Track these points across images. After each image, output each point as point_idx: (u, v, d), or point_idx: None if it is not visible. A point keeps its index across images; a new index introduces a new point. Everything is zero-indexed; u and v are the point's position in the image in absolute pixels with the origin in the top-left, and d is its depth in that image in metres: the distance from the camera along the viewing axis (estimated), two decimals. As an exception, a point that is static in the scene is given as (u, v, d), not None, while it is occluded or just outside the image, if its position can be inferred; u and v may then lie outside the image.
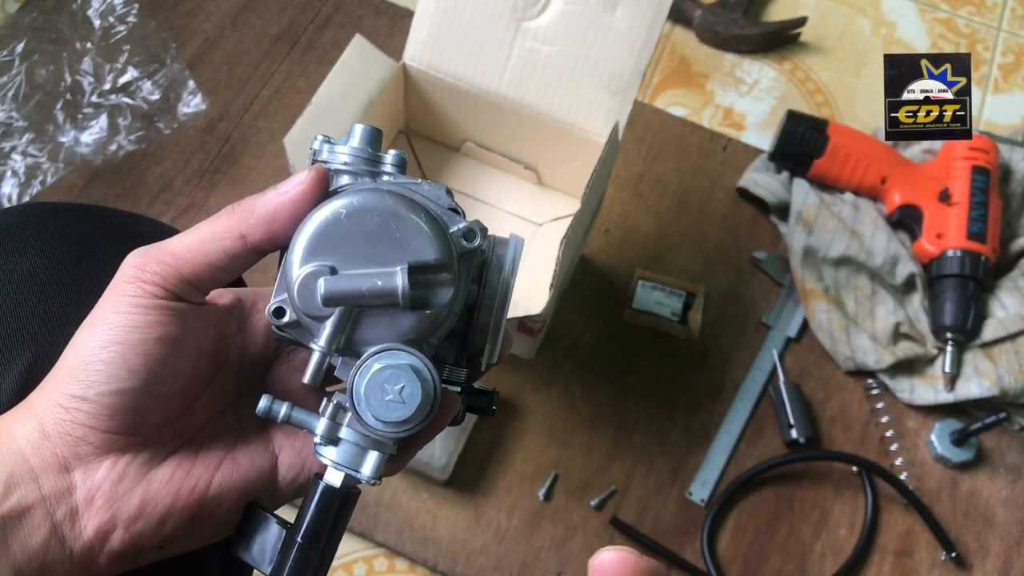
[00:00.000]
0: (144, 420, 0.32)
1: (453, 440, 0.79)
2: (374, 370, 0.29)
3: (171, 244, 0.32)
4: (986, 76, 1.13)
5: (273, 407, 0.32)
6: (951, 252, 0.88)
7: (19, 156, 0.94)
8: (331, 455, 0.31)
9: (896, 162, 0.94)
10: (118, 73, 0.99)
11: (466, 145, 0.86)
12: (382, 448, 0.31)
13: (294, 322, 0.32)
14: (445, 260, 0.31)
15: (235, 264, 0.33)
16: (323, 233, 0.31)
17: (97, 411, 0.30)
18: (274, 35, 1.07)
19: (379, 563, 0.80)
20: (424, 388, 0.30)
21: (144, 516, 0.31)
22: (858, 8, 1.17)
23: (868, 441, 0.86)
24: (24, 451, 0.31)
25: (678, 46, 1.12)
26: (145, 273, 0.32)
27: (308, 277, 0.30)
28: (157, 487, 0.32)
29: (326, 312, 0.30)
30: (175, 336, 0.32)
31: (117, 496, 0.31)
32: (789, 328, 0.91)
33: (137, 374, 0.31)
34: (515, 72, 0.75)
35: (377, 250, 0.31)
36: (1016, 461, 0.86)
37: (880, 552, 0.82)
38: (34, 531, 0.30)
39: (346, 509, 0.32)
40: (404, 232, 0.31)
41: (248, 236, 0.32)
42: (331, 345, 0.30)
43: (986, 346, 0.88)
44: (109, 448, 0.31)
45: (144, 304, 0.31)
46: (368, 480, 0.31)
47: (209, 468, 0.33)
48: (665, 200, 0.99)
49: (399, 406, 0.29)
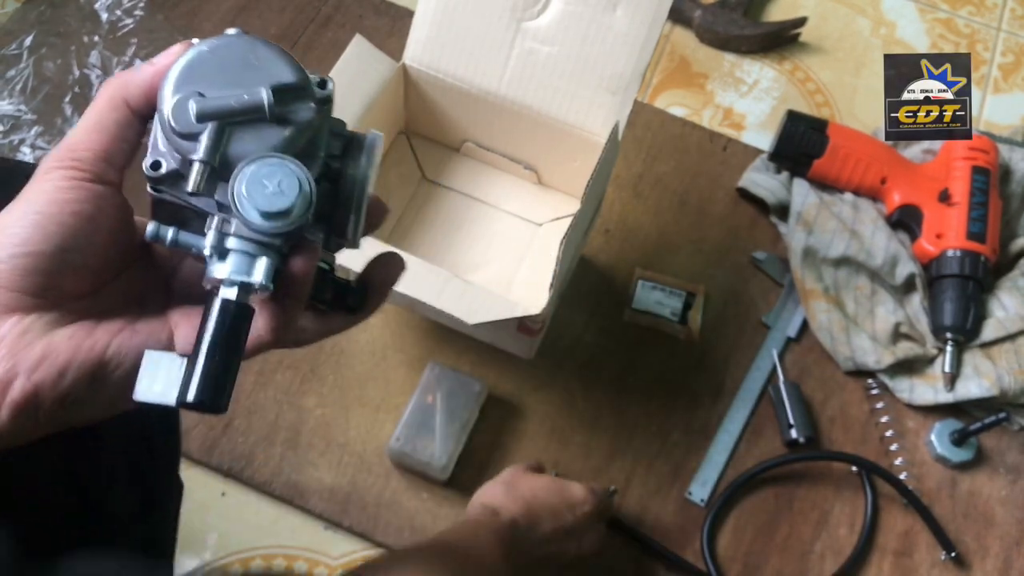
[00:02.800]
0: (53, 286, 0.34)
1: (453, 440, 0.79)
2: (251, 169, 0.32)
3: (73, 137, 0.35)
4: (986, 76, 1.13)
5: (160, 231, 0.34)
6: (951, 252, 0.88)
7: (28, 149, 0.94)
8: (222, 271, 0.33)
9: (896, 162, 0.94)
10: (125, 66, 1.00)
11: (466, 145, 0.86)
12: (270, 251, 0.34)
13: (170, 174, 0.34)
14: (302, 82, 0.35)
15: (129, 132, 0.36)
16: (189, 67, 0.34)
17: (8, 271, 0.32)
18: (274, 35, 1.07)
19: (379, 563, 0.80)
20: (299, 179, 0.32)
21: (44, 366, 0.33)
22: (858, 8, 1.17)
23: (868, 441, 0.87)
24: None
25: (678, 46, 1.12)
26: (62, 162, 0.34)
27: (181, 100, 0.33)
28: (58, 341, 0.33)
29: (200, 128, 0.33)
30: (90, 213, 0.34)
31: (19, 347, 0.32)
32: (789, 328, 0.91)
33: (51, 239, 0.33)
34: (515, 72, 0.75)
35: (240, 77, 0.34)
36: (1016, 461, 0.86)
37: (880, 552, 0.82)
38: None
39: (243, 322, 0.34)
40: (263, 62, 0.34)
41: (131, 101, 0.35)
42: (210, 155, 0.32)
43: (986, 346, 0.88)
44: (16, 306, 0.33)
45: (63, 185, 0.34)
46: (260, 285, 0.33)
47: (108, 333, 0.35)
48: (665, 200, 0.99)
49: (279, 196, 0.32)
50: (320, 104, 0.35)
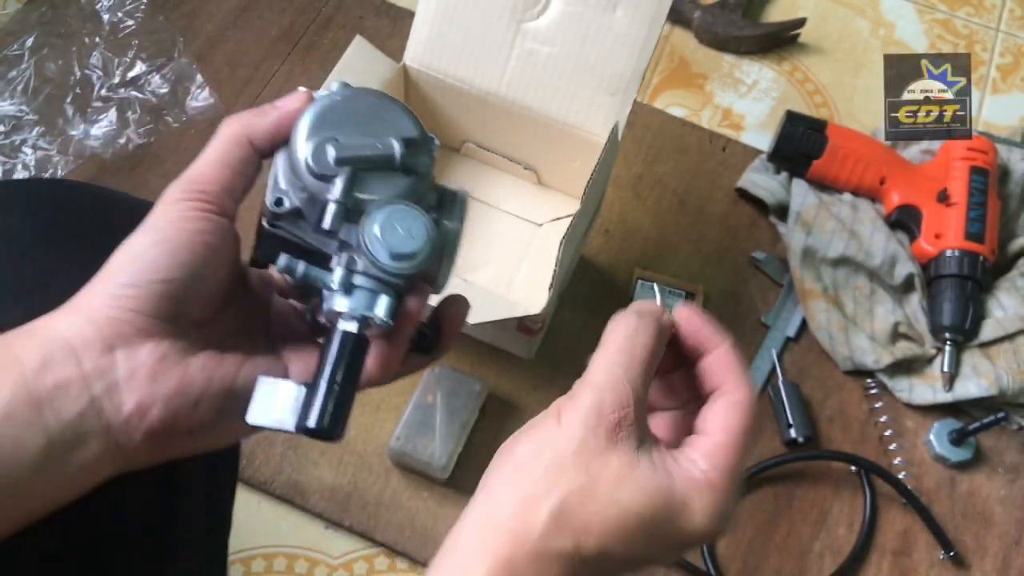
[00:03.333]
0: (184, 313, 0.35)
1: (453, 440, 0.79)
2: (384, 213, 0.35)
3: (197, 170, 0.36)
4: (984, 77, 1.13)
5: (291, 264, 0.36)
6: (949, 252, 0.88)
7: (29, 149, 0.95)
8: (344, 305, 0.35)
9: (895, 162, 0.94)
10: (127, 67, 1.00)
11: (466, 146, 0.86)
12: (390, 290, 0.35)
13: (291, 211, 0.36)
14: (424, 137, 0.38)
15: (250, 169, 0.37)
16: (324, 113, 0.37)
17: (146, 296, 0.33)
18: (275, 36, 1.07)
19: (379, 562, 0.80)
20: (426, 226, 0.35)
21: (182, 394, 0.34)
22: (857, 9, 1.17)
23: (867, 441, 0.87)
24: (65, 334, 0.33)
25: (677, 47, 1.12)
26: (188, 193, 0.36)
27: (320, 143, 0.35)
28: (193, 370, 0.34)
29: (336, 172, 0.35)
30: (216, 244, 0.35)
31: (159, 373, 0.33)
32: (788, 328, 0.91)
33: (184, 267, 0.34)
34: (515, 73, 0.76)
35: (369, 128, 0.37)
36: (1014, 460, 0.86)
37: (879, 551, 0.82)
38: (70, 402, 0.32)
39: (362, 354, 0.35)
40: (389, 114, 0.38)
41: (255, 140, 0.37)
42: (346, 196, 0.35)
43: (984, 346, 0.88)
44: (152, 332, 0.34)
45: (190, 216, 0.35)
46: (382, 320, 0.35)
47: (235, 364, 0.36)
48: (664, 200, 0.99)
49: (409, 240, 0.35)
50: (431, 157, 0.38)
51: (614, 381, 0.36)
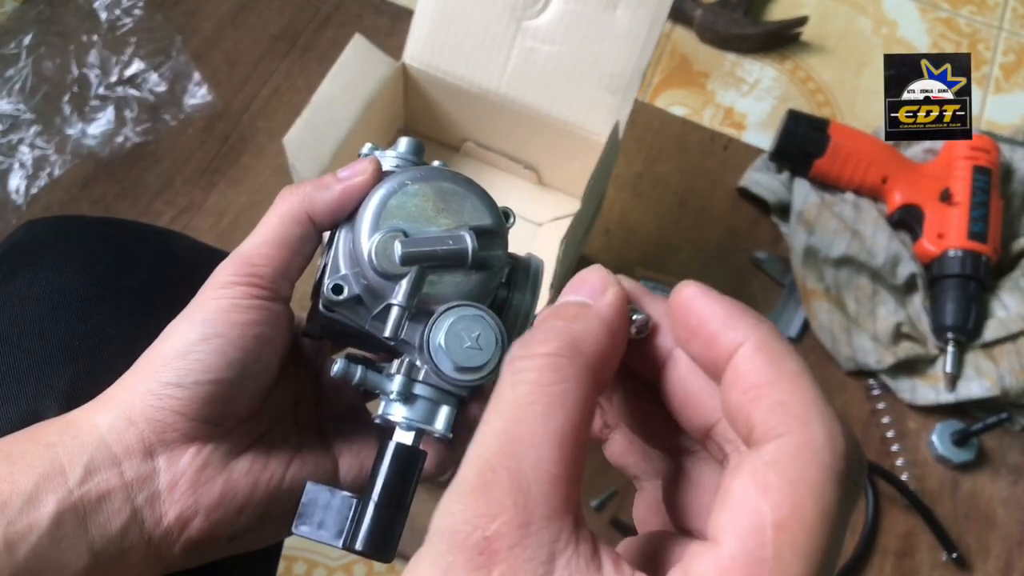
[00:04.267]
0: (230, 412, 0.33)
1: (453, 441, 0.78)
2: (451, 321, 0.31)
3: (252, 246, 0.34)
4: (987, 76, 1.12)
5: (349, 369, 0.33)
6: (952, 252, 0.88)
7: (27, 148, 0.94)
8: (401, 414, 0.32)
9: (897, 162, 0.94)
10: (124, 65, 1.00)
11: (466, 145, 0.85)
12: (453, 400, 0.33)
13: (350, 299, 0.33)
14: (500, 226, 0.34)
15: (308, 247, 0.34)
16: (391, 201, 0.33)
17: (191, 398, 0.31)
18: (273, 34, 1.07)
19: (378, 564, 0.80)
20: (496, 334, 0.31)
21: (224, 504, 0.32)
22: (859, 8, 1.17)
23: (869, 441, 0.86)
24: (106, 437, 0.31)
25: (679, 46, 1.12)
26: (241, 277, 0.33)
27: (385, 239, 0.32)
28: (237, 477, 0.33)
29: (401, 272, 0.31)
30: (270, 335, 0.33)
31: (200, 483, 0.32)
32: (790, 328, 0.91)
33: (233, 366, 0.32)
34: (515, 72, 0.75)
35: (439, 217, 0.33)
36: (1017, 461, 0.86)
37: (881, 553, 0.81)
38: (114, 516, 0.30)
39: (417, 469, 0.33)
40: (462, 201, 0.33)
41: (315, 218, 0.34)
42: (410, 301, 0.31)
43: (987, 346, 0.88)
44: (195, 436, 0.32)
45: (243, 304, 0.32)
46: (442, 434, 0.33)
47: (281, 464, 0.34)
48: (665, 200, 0.98)
49: (477, 352, 0.31)
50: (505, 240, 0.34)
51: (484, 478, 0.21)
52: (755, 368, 0.22)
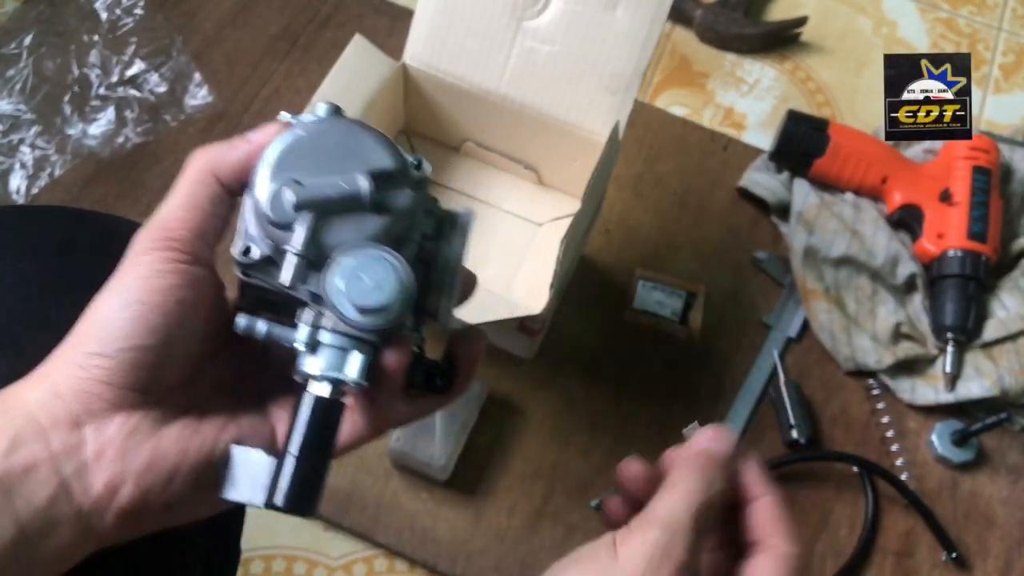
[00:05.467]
0: (157, 380, 0.32)
1: (453, 440, 0.79)
2: (348, 262, 0.31)
3: (165, 211, 0.34)
4: (987, 76, 1.12)
5: (252, 325, 0.33)
6: (952, 252, 0.88)
7: (27, 148, 0.94)
8: (314, 366, 0.32)
9: (897, 162, 0.94)
10: (125, 66, 1.00)
11: (466, 145, 0.85)
12: (364, 346, 0.32)
13: (262, 260, 0.33)
14: (401, 167, 0.33)
15: (220, 208, 0.34)
16: (286, 152, 0.32)
17: (115, 367, 0.31)
18: (273, 34, 1.07)
19: (379, 563, 0.80)
20: (398, 273, 0.31)
21: (154, 470, 0.32)
22: (859, 8, 1.17)
23: (869, 441, 0.86)
24: (33, 411, 0.31)
25: (678, 46, 1.12)
26: (157, 243, 0.33)
27: (278, 188, 0.32)
28: (167, 443, 0.32)
29: (295, 219, 0.31)
30: (192, 299, 0.33)
31: (128, 450, 0.31)
32: (790, 328, 0.91)
33: (156, 332, 0.32)
34: (515, 72, 0.75)
35: (337, 164, 0.32)
36: (1017, 461, 0.86)
37: (881, 553, 0.81)
38: (40, 487, 0.30)
39: (334, 421, 0.32)
40: (360, 146, 0.33)
41: (222, 177, 0.34)
42: (306, 247, 0.31)
43: (987, 346, 0.88)
44: (122, 404, 0.32)
45: (163, 269, 0.32)
46: (354, 382, 0.32)
47: (214, 430, 0.34)
48: (665, 200, 0.98)
49: (378, 292, 0.30)
50: (417, 187, 0.34)
51: (683, 524, 0.35)
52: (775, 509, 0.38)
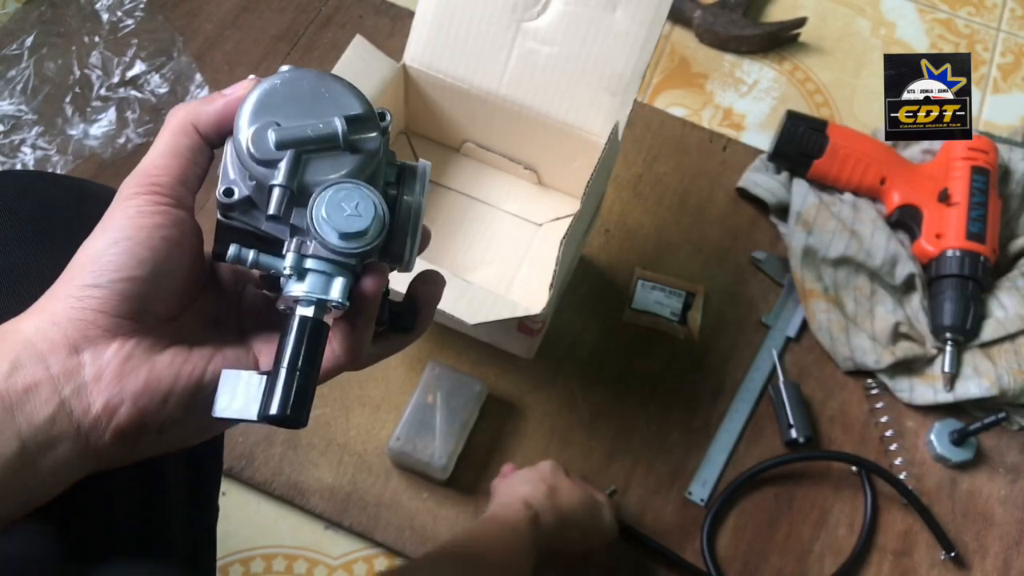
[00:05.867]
0: (148, 310, 0.35)
1: (453, 440, 0.79)
2: (330, 193, 0.34)
3: (149, 162, 0.36)
4: (985, 76, 1.13)
5: (241, 253, 0.35)
6: (950, 252, 0.88)
7: (29, 149, 0.95)
8: (299, 290, 0.35)
9: (895, 162, 0.94)
10: (126, 66, 1.00)
11: (466, 145, 0.86)
12: (345, 271, 0.35)
13: (242, 200, 0.36)
14: (369, 113, 0.37)
15: (200, 157, 0.37)
16: (264, 99, 0.36)
17: (108, 296, 0.33)
18: (274, 35, 1.07)
19: (379, 563, 0.80)
20: (374, 202, 0.34)
21: (149, 392, 0.34)
22: (857, 9, 1.17)
23: (867, 441, 0.87)
24: (31, 338, 0.33)
25: (678, 46, 1.12)
26: (142, 187, 0.35)
27: (260, 129, 0.35)
28: (161, 368, 0.34)
29: (278, 156, 0.34)
30: (176, 237, 0.35)
31: (125, 373, 0.33)
32: (788, 328, 0.91)
33: (144, 264, 0.34)
34: (515, 73, 0.75)
35: (312, 108, 0.36)
36: (1015, 461, 0.86)
37: (879, 552, 0.82)
38: (41, 406, 0.32)
39: (320, 338, 0.35)
40: (332, 93, 0.37)
41: (201, 128, 0.37)
42: (289, 180, 0.34)
43: (985, 346, 0.88)
44: (117, 331, 0.34)
45: (148, 210, 0.35)
46: (337, 302, 0.34)
47: (203, 358, 0.36)
48: (665, 200, 0.99)
49: (357, 218, 0.34)
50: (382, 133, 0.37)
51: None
52: None
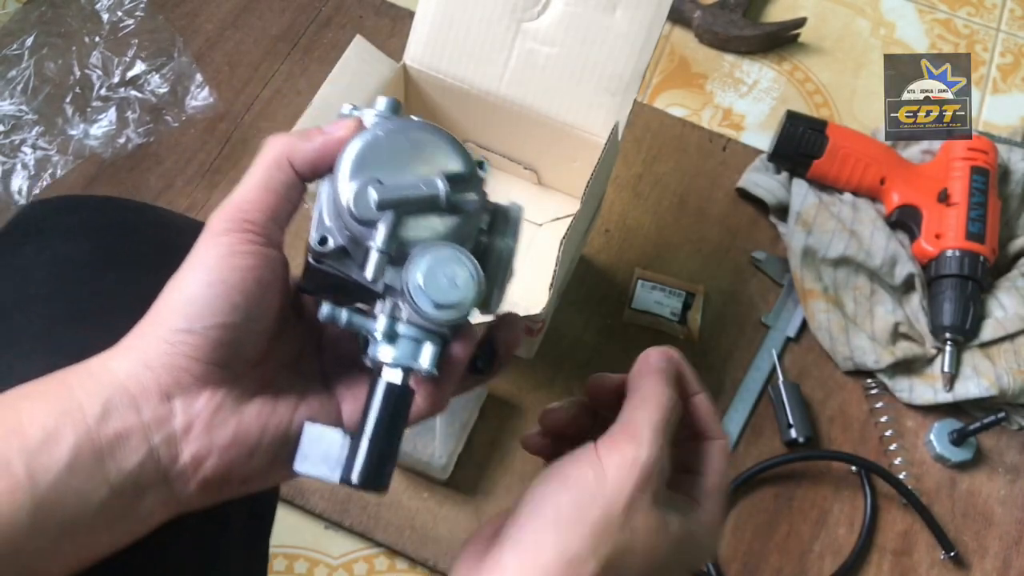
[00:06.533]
0: (239, 356, 0.34)
1: (453, 440, 0.79)
2: (428, 260, 0.33)
3: (242, 196, 0.35)
4: (985, 77, 1.13)
5: (335, 313, 0.35)
6: (950, 252, 0.88)
7: (29, 149, 0.95)
8: (388, 355, 0.34)
9: (895, 162, 0.94)
10: (126, 67, 1.00)
11: (466, 145, 0.86)
12: (435, 338, 0.35)
13: (336, 250, 0.35)
14: (472, 172, 0.36)
15: (294, 193, 0.36)
16: (366, 152, 0.35)
17: (201, 343, 0.33)
18: (274, 36, 1.07)
19: (379, 562, 0.80)
20: (472, 273, 0.34)
21: (237, 445, 0.34)
22: (857, 9, 1.17)
23: (867, 441, 0.87)
24: (124, 381, 0.32)
25: (677, 47, 1.12)
26: (234, 223, 0.34)
27: (361, 187, 0.34)
28: (249, 420, 0.34)
29: (378, 217, 0.34)
30: (268, 279, 0.35)
31: (214, 425, 0.33)
32: (788, 328, 0.91)
33: (238, 310, 0.33)
34: (515, 73, 0.75)
35: (414, 163, 0.35)
36: (1015, 460, 0.86)
37: (879, 551, 0.82)
38: (131, 453, 0.32)
39: (405, 407, 0.35)
40: (434, 150, 0.36)
41: (297, 166, 0.36)
42: (387, 243, 0.33)
43: (985, 346, 0.88)
44: (208, 380, 0.33)
45: (241, 250, 0.34)
46: (427, 371, 0.34)
47: (289, 409, 0.36)
48: (665, 200, 0.99)
49: (454, 290, 0.33)
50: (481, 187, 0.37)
51: (657, 439, 0.36)
52: (708, 404, 0.40)
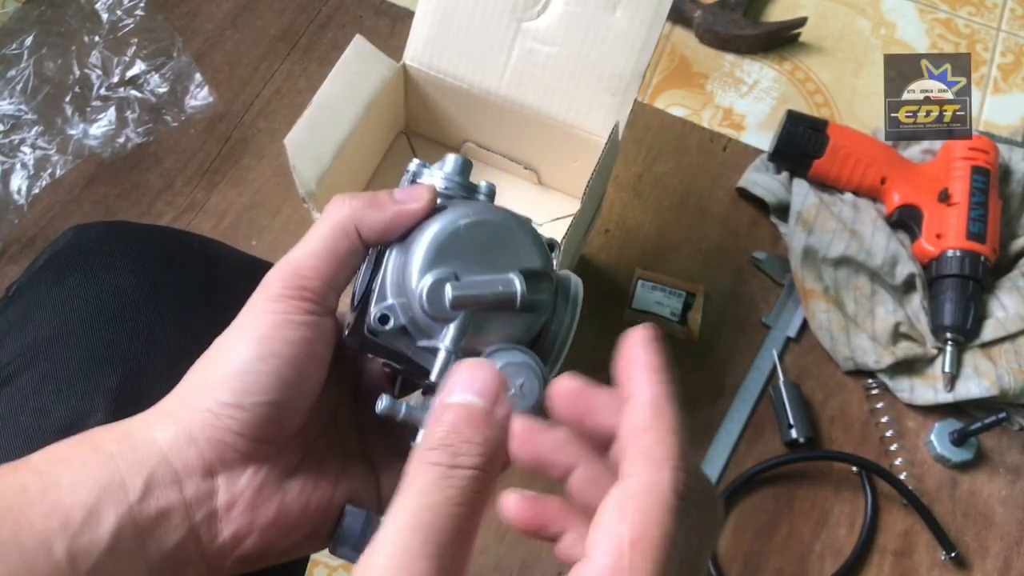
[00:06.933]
0: (284, 430, 0.33)
1: (453, 440, 0.79)
2: (498, 367, 0.32)
3: (301, 260, 0.33)
4: (985, 76, 1.13)
5: (394, 407, 0.33)
6: (951, 252, 0.88)
7: (28, 149, 0.94)
8: None
9: (896, 162, 0.94)
10: (126, 66, 1.00)
11: (466, 145, 0.86)
12: None
13: (396, 329, 0.34)
14: (548, 267, 0.34)
15: (355, 260, 0.34)
16: (444, 242, 0.33)
17: (248, 419, 0.32)
18: (274, 35, 1.07)
19: (379, 563, 0.80)
20: (539, 380, 0.32)
21: (278, 525, 0.33)
22: (858, 8, 1.17)
23: (868, 441, 0.87)
24: (167, 453, 0.31)
25: (678, 46, 1.12)
26: (291, 290, 0.33)
27: (437, 282, 0.32)
28: (291, 498, 0.33)
29: (450, 315, 0.32)
30: (322, 353, 0.33)
31: (257, 504, 0.32)
32: (789, 328, 0.91)
33: (290, 387, 0.32)
34: (515, 72, 0.75)
35: (490, 258, 0.33)
36: (1016, 461, 0.86)
37: (880, 552, 0.82)
38: (172, 532, 0.31)
39: None
40: (513, 242, 0.34)
41: (364, 233, 0.34)
42: (457, 345, 0.32)
43: (986, 346, 0.88)
44: (252, 456, 0.32)
45: (296, 320, 0.32)
46: None
47: (331, 483, 0.35)
48: (665, 200, 0.99)
49: (520, 399, 0.32)
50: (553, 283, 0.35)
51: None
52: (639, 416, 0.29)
